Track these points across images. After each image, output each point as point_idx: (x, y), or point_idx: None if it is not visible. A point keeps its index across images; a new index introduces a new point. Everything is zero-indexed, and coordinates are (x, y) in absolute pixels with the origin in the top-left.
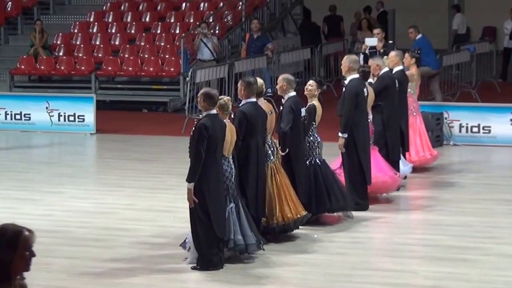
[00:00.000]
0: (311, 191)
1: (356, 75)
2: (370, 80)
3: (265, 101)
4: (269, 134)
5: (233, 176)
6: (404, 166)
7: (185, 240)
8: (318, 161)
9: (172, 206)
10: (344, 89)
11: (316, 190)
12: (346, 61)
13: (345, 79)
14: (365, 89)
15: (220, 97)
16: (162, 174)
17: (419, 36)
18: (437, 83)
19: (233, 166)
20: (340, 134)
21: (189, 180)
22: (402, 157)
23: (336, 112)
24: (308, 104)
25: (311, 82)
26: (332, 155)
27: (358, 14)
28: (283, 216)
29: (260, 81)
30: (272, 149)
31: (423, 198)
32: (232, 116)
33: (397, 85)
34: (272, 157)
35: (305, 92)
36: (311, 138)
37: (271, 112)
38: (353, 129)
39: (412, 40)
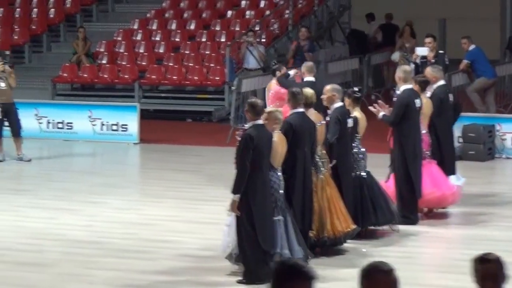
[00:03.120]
0: (357, 204)
1: (409, 86)
2: (428, 93)
3: (315, 111)
4: (319, 146)
5: (281, 188)
6: (458, 181)
7: (231, 253)
8: (363, 173)
9: (217, 218)
10: (395, 99)
11: (362, 203)
12: (398, 71)
13: (395, 89)
14: (417, 100)
15: (271, 108)
16: (206, 185)
17: (472, 46)
18: (492, 95)
19: (281, 178)
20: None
21: (234, 191)
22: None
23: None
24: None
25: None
26: (377, 167)
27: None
28: (333, 230)
29: (310, 91)
30: (322, 160)
31: (475, 213)
32: None
33: (451, 99)
34: (322, 169)
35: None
36: (355, 150)
37: (321, 123)
38: (402, 141)
39: (465, 51)
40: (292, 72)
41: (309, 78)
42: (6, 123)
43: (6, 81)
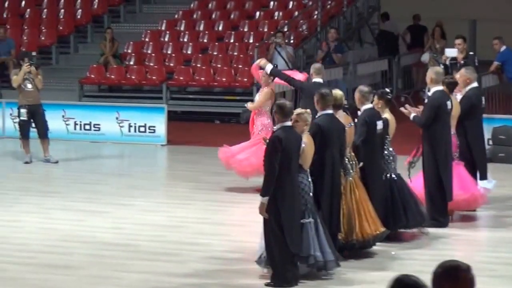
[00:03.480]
0: (388, 206)
1: (440, 87)
2: (458, 95)
3: (345, 113)
4: (348, 148)
5: (311, 190)
6: (488, 183)
7: (260, 256)
8: (393, 176)
9: (246, 220)
10: (426, 101)
11: (393, 205)
12: (430, 73)
13: (425, 91)
14: (448, 102)
15: (301, 109)
16: (235, 187)
17: (504, 48)
18: None
19: (310, 180)
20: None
21: (263, 193)
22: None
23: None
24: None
25: (375, 97)
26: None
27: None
28: (362, 232)
29: (339, 93)
30: (351, 162)
31: (505, 215)
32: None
33: (483, 102)
34: (351, 171)
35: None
36: (386, 152)
37: (350, 125)
38: (433, 143)
39: (496, 52)
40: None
41: (317, 79)
42: (33, 125)
43: (32, 82)
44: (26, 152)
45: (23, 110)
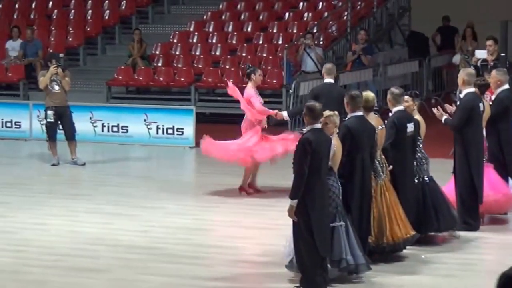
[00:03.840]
0: (419, 210)
1: (472, 89)
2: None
3: (376, 115)
4: (379, 150)
5: (340, 193)
6: None
7: (291, 260)
8: (426, 178)
9: (275, 224)
10: (458, 103)
11: (425, 209)
12: (462, 74)
13: (456, 92)
14: (481, 104)
15: (330, 112)
16: (265, 189)
17: None
18: None
19: (339, 183)
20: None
21: (292, 196)
22: None
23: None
24: None
25: (405, 97)
26: (439, 171)
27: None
28: (393, 236)
29: (371, 95)
30: (381, 165)
31: None
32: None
33: None
34: (382, 174)
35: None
36: (418, 154)
37: (382, 127)
38: (466, 146)
39: None
40: None
41: (329, 79)
42: (61, 127)
43: (59, 84)
44: (53, 154)
45: (50, 112)
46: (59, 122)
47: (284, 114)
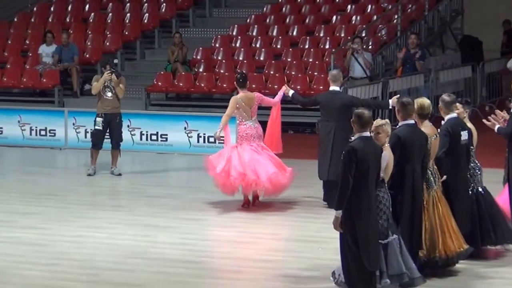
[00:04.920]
0: (474, 222)
1: None
2: None
3: (431, 124)
4: (431, 160)
5: (390, 205)
6: None
7: (335, 274)
8: (480, 189)
9: (321, 236)
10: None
11: (480, 221)
12: None
13: (511, 99)
14: None
15: (382, 120)
16: (309, 201)
17: None
18: None
19: (389, 194)
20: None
21: (336, 207)
22: None
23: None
24: None
25: (456, 104)
26: (492, 182)
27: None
28: (446, 250)
29: (427, 101)
30: (434, 176)
31: None
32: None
33: None
34: (434, 185)
35: None
36: (472, 164)
37: (436, 137)
38: None
39: None
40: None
41: (334, 87)
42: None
43: (113, 90)
44: (92, 163)
45: (99, 119)
46: (107, 131)
47: (291, 92)
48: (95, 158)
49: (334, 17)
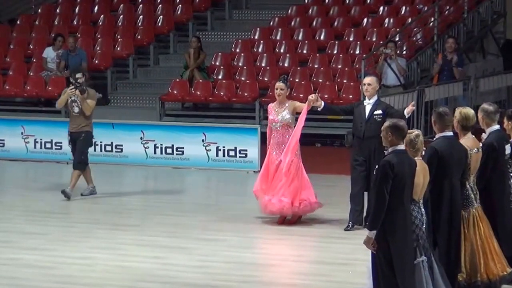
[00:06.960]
0: None
1: None
2: None
3: (473, 136)
4: (472, 175)
5: (424, 224)
6: None
7: None
8: None
9: (349, 258)
10: None
11: None
12: None
13: None
14: None
15: (409, 131)
16: (337, 219)
17: None
18: None
19: (423, 212)
20: None
21: (370, 226)
22: None
23: None
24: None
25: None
26: None
27: None
28: (488, 273)
29: (471, 112)
30: (474, 192)
31: None
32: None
33: None
34: (474, 203)
35: None
36: (511, 180)
37: (478, 150)
38: None
39: None
40: None
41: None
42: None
43: (79, 106)
44: (87, 182)
45: (68, 138)
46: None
47: (322, 103)
48: (86, 178)
49: (365, 20)
